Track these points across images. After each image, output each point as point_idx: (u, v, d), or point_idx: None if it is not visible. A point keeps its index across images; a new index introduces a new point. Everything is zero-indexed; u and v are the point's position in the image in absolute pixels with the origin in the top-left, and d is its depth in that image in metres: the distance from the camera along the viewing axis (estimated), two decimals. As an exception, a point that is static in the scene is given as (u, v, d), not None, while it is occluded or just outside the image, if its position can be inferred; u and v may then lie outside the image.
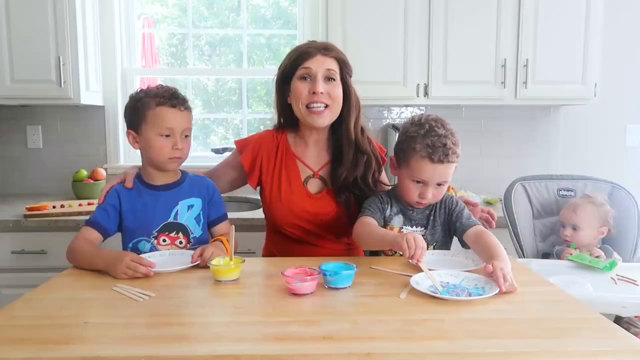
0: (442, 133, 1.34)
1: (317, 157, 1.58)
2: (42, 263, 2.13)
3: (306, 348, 0.84)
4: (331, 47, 1.51)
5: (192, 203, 1.46)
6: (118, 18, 2.71)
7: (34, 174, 2.75)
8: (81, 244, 1.35)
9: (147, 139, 1.39)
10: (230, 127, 3.07)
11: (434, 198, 1.40)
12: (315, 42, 1.53)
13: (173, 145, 1.39)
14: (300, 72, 1.47)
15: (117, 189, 1.45)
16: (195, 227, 1.46)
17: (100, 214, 1.42)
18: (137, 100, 1.41)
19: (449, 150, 1.34)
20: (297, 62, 1.48)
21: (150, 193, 1.44)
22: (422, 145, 1.34)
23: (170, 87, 1.43)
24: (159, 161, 1.41)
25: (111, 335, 0.89)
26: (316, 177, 1.57)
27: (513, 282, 1.11)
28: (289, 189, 1.53)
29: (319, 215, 1.53)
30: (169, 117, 1.38)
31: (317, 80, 1.46)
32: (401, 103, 2.71)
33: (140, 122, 1.40)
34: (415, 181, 1.38)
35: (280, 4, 2.95)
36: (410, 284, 1.12)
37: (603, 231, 1.73)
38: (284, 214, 1.53)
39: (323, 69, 1.47)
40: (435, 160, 1.33)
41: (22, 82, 2.35)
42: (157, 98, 1.38)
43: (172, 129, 1.38)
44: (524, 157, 2.84)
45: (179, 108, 1.39)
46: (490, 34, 2.42)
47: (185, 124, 1.41)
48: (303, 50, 1.49)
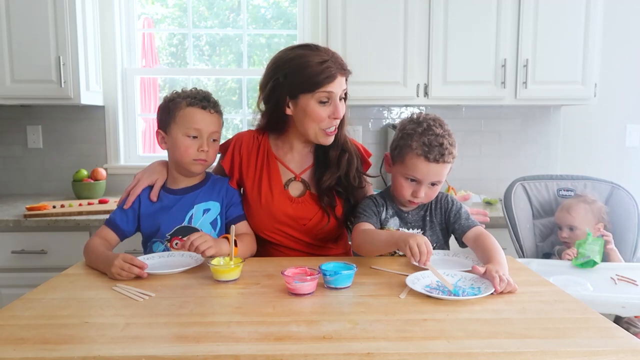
0: (440, 132, 1.34)
1: (300, 161, 1.53)
2: (42, 263, 2.13)
3: (306, 348, 0.84)
4: (345, 63, 1.42)
5: (208, 207, 1.45)
6: (118, 18, 2.71)
7: (34, 174, 2.75)
8: (94, 243, 1.37)
9: (175, 138, 1.40)
10: (231, 127, 3.07)
11: (426, 197, 1.39)
12: (328, 53, 1.40)
13: (199, 147, 1.39)
14: (321, 95, 1.37)
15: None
16: (211, 232, 1.43)
17: (120, 216, 1.43)
18: (170, 101, 1.42)
19: (445, 150, 1.33)
20: (319, 84, 1.36)
21: (168, 197, 1.45)
22: (419, 143, 1.33)
23: (204, 90, 1.44)
24: (183, 162, 1.41)
25: (111, 335, 0.89)
26: (298, 180, 1.51)
27: (512, 282, 1.10)
28: (269, 192, 1.47)
29: (300, 220, 1.47)
30: (197, 118, 1.38)
31: (337, 105, 1.40)
32: (401, 103, 2.71)
33: (170, 121, 1.40)
34: (409, 179, 1.38)
35: (280, 4, 2.95)
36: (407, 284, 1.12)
37: (599, 227, 1.73)
38: (264, 219, 1.47)
39: (341, 90, 1.40)
40: (430, 159, 1.32)
41: (22, 82, 2.35)
42: (189, 99, 1.39)
43: (199, 130, 1.39)
44: (524, 157, 2.84)
45: (209, 110, 1.40)
46: (490, 34, 2.42)
47: (214, 128, 1.41)
48: (324, 69, 1.35)
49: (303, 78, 1.37)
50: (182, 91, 1.43)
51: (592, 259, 1.50)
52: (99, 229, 1.44)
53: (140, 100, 2.87)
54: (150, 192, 1.45)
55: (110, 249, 1.38)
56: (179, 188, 1.46)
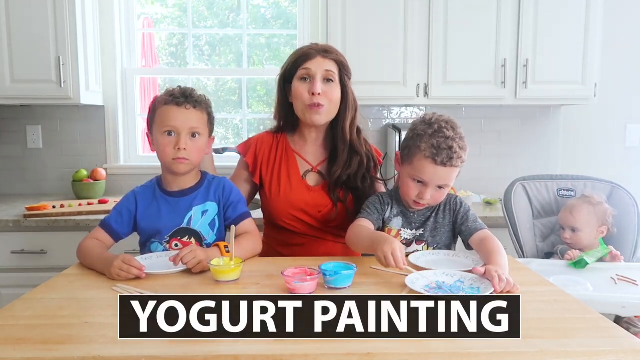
0: (450, 135, 1.31)
1: (315, 154, 1.64)
2: (42, 263, 2.13)
3: (306, 348, 0.84)
4: (331, 49, 1.57)
5: (206, 208, 1.43)
6: (118, 18, 2.71)
7: (34, 174, 2.75)
8: (90, 244, 1.36)
9: (155, 139, 1.39)
10: (231, 127, 3.07)
11: (432, 200, 1.38)
12: (317, 45, 1.58)
13: (175, 145, 1.35)
14: (300, 72, 1.53)
15: (136, 192, 1.44)
16: (209, 233, 1.43)
17: (115, 217, 1.42)
18: (154, 102, 1.41)
19: (454, 154, 1.30)
20: (298, 63, 1.53)
21: (166, 199, 1.42)
22: (428, 145, 1.32)
23: (188, 88, 1.41)
24: (165, 162, 1.39)
25: (111, 335, 0.89)
26: (314, 171, 1.62)
27: (512, 281, 1.10)
28: (288, 183, 1.58)
29: (317, 207, 1.57)
30: (171, 115, 1.35)
31: (316, 81, 1.51)
32: (401, 103, 2.71)
33: (152, 122, 1.39)
34: (416, 180, 1.36)
35: (280, 4, 2.95)
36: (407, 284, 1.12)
37: (603, 230, 1.72)
38: (283, 207, 1.57)
39: (322, 70, 1.52)
40: (438, 162, 1.31)
41: (22, 82, 2.35)
42: (167, 97, 1.37)
43: (175, 127, 1.35)
44: (524, 157, 2.84)
45: (184, 106, 1.36)
46: (490, 34, 2.42)
47: (192, 123, 1.37)
48: (304, 51, 1.55)
49: (290, 63, 1.56)
50: (166, 90, 1.41)
51: (585, 258, 1.51)
52: (92, 231, 1.42)
53: (140, 100, 2.87)
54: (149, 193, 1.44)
55: (106, 250, 1.37)
56: (176, 190, 1.43)
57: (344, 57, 1.58)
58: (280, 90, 1.61)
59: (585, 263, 1.50)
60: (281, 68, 1.61)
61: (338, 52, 1.58)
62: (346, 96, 1.57)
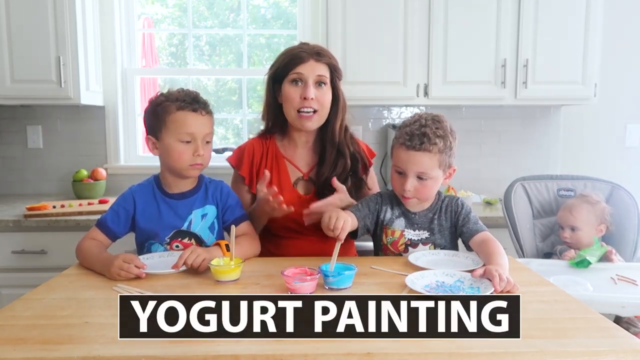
0: (426, 124, 1.34)
1: (306, 159, 1.60)
2: (42, 263, 2.13)
3: (306, 348, 0.84)
4: (323, 52, 1.53)
5: (206, 212, 1.43)
6: (118, 18, 2.71)
7: (34, 174, 2.75)
8: (88, 244, 1.35)
9: (167, 145, 1.35)
10: (231, 127, 3.07)
11: (417, 193, 1.38)
12: (308, 45, 1.54)
13: (194, 152, 1.35)
14: (292, 76, 1.49)
15: (133, 191, 1.43)
16: (209, 236, 1.43)
17: (112, 217, 1.40)
18: (157, 105, 1.36)
19: (425, 138, 1.32)
20: (289, 66, 1.49)
21: (166, 201, 1.41)
22: (402, 133, 1.36)
23: (192, 90, 1.40)
24: (179, 168, 1.37)
25: (111, 335, 0.89)
26: (305, 178, 1.58)
27: (512, 281, 1.10)
28: (279, 192, 1.48)
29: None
30: (189, 122, 1.34)
31: (309, 86, 1.48)
32: (401, 103, 2.71)
33: (161, 127, 1.35)
34: (398, 172, 1.39)
35: (280, 4, 2.95)
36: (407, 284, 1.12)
37: (602, 229, 1.73)
38: (274, 218, 1.50)
39: (314, 74, 1.49)
40: (409, 146, 1.33)
41: (22, 82, 2.35)
42: (178, 102, 1.34)
43: (193, 135, 1.34)
44: (524, 157, 2.84)
45: (200, 112, 1.35)
46: (490, 34, 2.42)
47: (207, 129, 1.37)
48: (295, 54, 1.50)
49: (281, 65, 1.51)
50: (169, 93, 1.38)
51: (587, 258, 1.51)
52: (89, 231, 1.41)
53: (140, 101, 2.86)
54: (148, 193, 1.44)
55: (104, 250, 1.37)
56: (176, 192, 1.43)
57: (335, 59, 1.56)
58: (269, 90, 1.57)
59: (587, 263, 1.50)
60: (270, 67, 1.57)
61: (330, 54, 1.55)
62: (337, 99, 1.55)
